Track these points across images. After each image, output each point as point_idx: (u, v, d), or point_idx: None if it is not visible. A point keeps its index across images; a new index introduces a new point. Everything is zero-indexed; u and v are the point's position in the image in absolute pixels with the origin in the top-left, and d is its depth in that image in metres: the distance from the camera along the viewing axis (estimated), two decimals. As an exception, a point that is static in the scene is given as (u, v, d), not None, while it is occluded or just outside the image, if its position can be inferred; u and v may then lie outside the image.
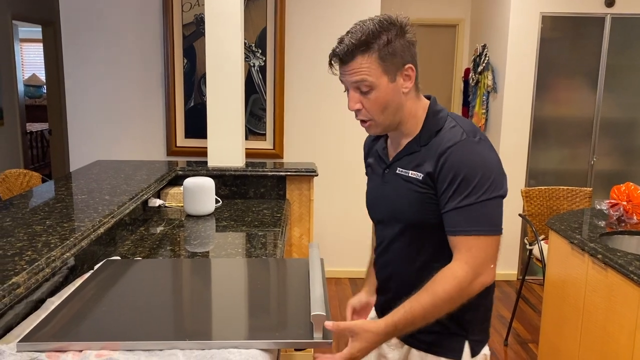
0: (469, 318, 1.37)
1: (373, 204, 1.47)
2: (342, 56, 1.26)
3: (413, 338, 1.41)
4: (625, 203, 2.62)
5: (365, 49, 1.24)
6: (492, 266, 1.25)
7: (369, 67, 1.25)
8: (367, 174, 1.55)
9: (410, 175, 1.31)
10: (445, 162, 1.24)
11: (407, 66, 1.28)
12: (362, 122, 1.33)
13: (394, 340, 1.45)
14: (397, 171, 1.35)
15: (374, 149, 1.51)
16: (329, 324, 1.21)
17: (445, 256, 1.29)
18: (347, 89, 1.33)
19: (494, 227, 1.23)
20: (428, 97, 1.38)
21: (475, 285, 1.23)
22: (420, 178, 1.29)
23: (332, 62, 1.30)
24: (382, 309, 1.50)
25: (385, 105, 1.29)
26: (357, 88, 1.28)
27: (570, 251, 2.44)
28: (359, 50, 1.25)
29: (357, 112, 1.31)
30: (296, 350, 1.25)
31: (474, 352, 1.38)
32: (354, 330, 1.23)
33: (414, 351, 1.42)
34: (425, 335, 1.38)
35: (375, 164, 1.47)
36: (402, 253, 1.38)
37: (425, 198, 1.29)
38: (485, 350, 1.41)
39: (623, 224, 2.56)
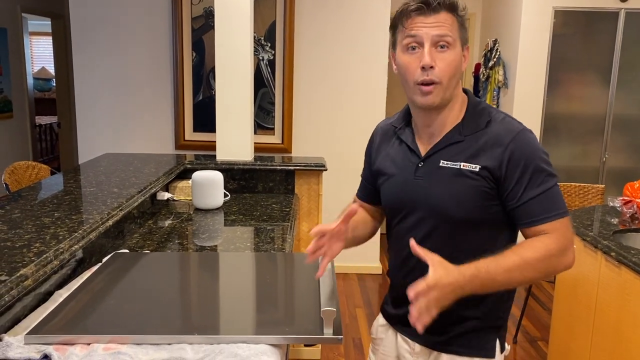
0: (500, 312, 1.34)
1: (401, 200, 1.35)
2: (433, 4, 1.20)
3: (443, 343, 1.34)
4: (638, 200, 2.58)
5: (452, 9, 1.22)
6: (574, 247, 1.24)
7: (452, 25, 1.22)
8: (377, 166, 1.42)
9: (462, 167, 1.24)
10: (513, 154, 1.21)
11: (467, 45, 1.27)
12: (428, 84, 1.22)
13: (419, 348, 1.38)
14: (441, 164, 1.26)
15: (395, 139, 1.39)
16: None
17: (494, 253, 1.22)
18: (409, 48, 1.23)
19: (567, 208, 1.24)
20: (464, 91, 1.34)
21: (561, 262, 1.21)
22: (477, 170, 1.22)
23: (411, 12, 1.22)
24: (403, 321, 1.39)
25: (456, 70, 1.23)
26: (436, 44, 1.21)
27: (583, 248, 2.41)
28: (447, 6, 1.22)
29: (430, 70, 1.21)
30: (305, 345, 1.24)
31: (502, 348, 1.36)
32: (434, 259, 1.15)
33: (444, 356, 1.34)
34: (456, 338, 1.33)
35: (400, 156, 1.36)
36: (439, 253, 1.26)
37: (482, 191, 1.23)
38: (506, 345, 1.40)
39: (637, 222, 2.52)
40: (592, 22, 4.10)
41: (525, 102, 4.21)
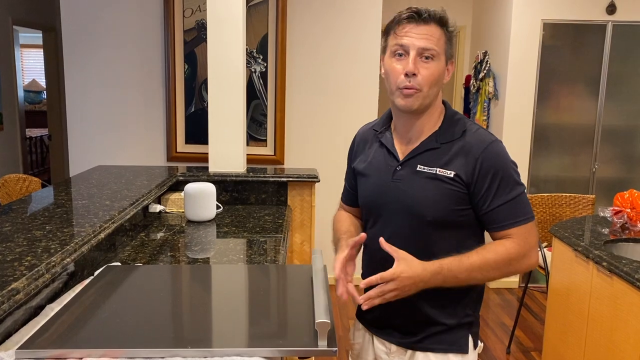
0: (471, 310, 1.42)
1: (378, 200, 1.42)
2: (424, 15, 1.29)
3: (417, 342, 1.41)
4: (629, 210, 2.61)
5: (442, 23, 1.31)
6: (537, 249, 1.35)
7: (439, 39, 1.30)
8: (357, 169, 1.50)
9: (438, 172, 1.33)
10: (483, 163, 1.31)
11: (452, 60, 1.36)
12: (409, 89, 1.31)
13: (395, 348, 1.45)
14: (418, 168, 1.35)
15: (375, 142, 1.47)
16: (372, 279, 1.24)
17: None
18: (396, 53, 1.31)
19: (533, 214, 1.35)
20: (443, 102, 1.43)
21: (522, 264, 1.32)
22: (451, 176, 1.32)
23: (403, 19, 1.30)
24: (377, 324, 1.50)
25: (437, 80, 1.32)
26: (421, 55, 1.29)
27: (575, 258, 2.42)
28: (437, 20, 1.30)
29: (413, 77, 1.29)
30: (300, 358, 1.23)
31: (475, 344, 1.44)
32: (400, 254, 1.26)
33: (419, 354, 1.41)
34: (429, 337, 1.40)
35: (379, 159, 1.44)
36: (413, 252, 1.34)
37: (455, 195, 1.32)
38: (479, 342, 1.47)
39: (627, 232, 2.54)
40: (581, 34, 4.16)
41: (515, 113, 4.25)
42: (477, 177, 1.30)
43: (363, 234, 1.35)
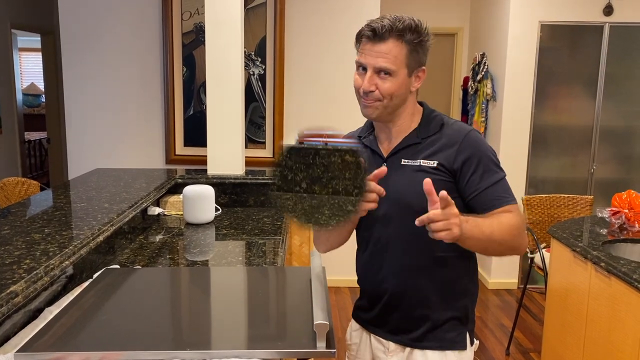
0: (467, 306, 1.44)
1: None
2: (379, 32, 1.30)
3: (415, 340, 1.43)
4: (627, 211, 2.61)
5: (401, 35, 1.31)
6: (525, 232, 1.38)
7: (397, 55, 1.32)
8: None
9: (422, 164, 1.37)
10: (466, 149, 1.35)
11: (422, 68, 1.38)
12: (370, 101, 1.35)
13: (393, 346, 1.46)
14: (403, 162, 1.40)
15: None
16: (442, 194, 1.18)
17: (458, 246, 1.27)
18: (359, 67, 1.36)
19: (515, 198, 1.39)
20: (420, 103, 1.48)
21: (522, 238, 1.34)
22: (435, 165, 1.36)
23: (363, 37, 1.34)
24: (374, 323, 1.51)
25: (396, 93, 1.35)
26: (378, 72, 1.33)
27: (573, 259, 2.43)
28: (395, 33, 1.31)
29: (370, 92, 1.34)
30: (298, 360, 1.24)
31: (472, 341, 1.46)
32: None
33: (417, 352, 1.43)
34: (427, 334, 1.42)
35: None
36: (409, 248, 1.39)
37: (440, 184, 1.33)
38: (475, 340, 1.50)
39: (625, 232, 2.55)
40: (578, 35, 4.17)
41: (513, 115, 4.25)
42: (460, 164, 1.35)
43: (384, 168, 1.30)
